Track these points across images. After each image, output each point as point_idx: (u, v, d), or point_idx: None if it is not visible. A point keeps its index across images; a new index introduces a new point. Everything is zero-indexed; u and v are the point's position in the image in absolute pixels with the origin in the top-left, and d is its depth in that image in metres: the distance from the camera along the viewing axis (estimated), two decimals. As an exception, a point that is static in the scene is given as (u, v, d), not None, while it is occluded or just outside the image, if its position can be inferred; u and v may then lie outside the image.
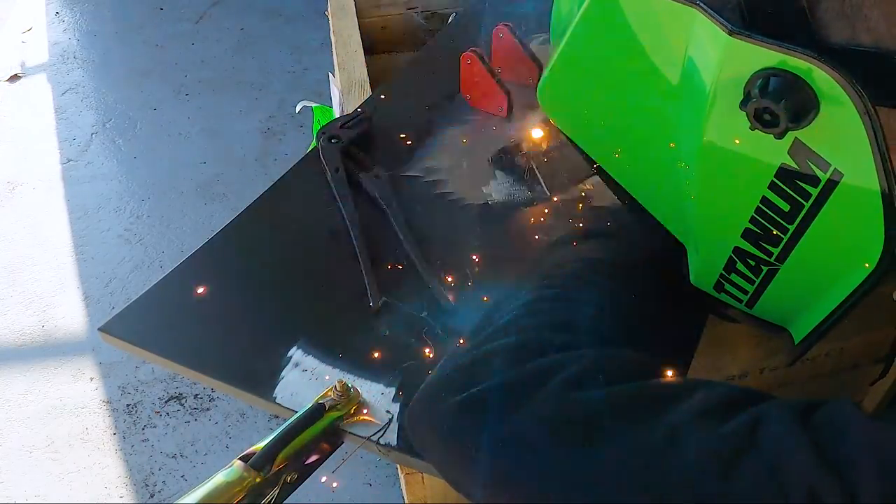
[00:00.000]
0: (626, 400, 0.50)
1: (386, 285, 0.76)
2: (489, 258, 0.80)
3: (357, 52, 1.12)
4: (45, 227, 1.84)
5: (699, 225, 0.60)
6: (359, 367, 0.70)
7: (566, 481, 0.48)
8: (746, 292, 0.62)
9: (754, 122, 0.47)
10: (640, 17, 0.53)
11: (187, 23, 2.46)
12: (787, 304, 0.61)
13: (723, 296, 0.64)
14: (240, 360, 0.71)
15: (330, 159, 0.88)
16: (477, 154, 0.92)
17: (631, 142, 0.62)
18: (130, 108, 2.16)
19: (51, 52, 2.38)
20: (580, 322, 0.57)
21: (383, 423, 0.65)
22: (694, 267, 0.65)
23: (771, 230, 0.54)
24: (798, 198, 0.51)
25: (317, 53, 2.31)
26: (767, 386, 0.92)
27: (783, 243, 0.55)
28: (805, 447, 0.44)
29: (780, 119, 0.45)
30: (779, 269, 0.57)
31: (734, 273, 0.61)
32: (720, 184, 0.55)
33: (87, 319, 1.64)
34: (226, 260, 0.82)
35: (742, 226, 0.56)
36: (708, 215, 0.59)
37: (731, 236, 0.58)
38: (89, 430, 1.46)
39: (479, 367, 0.55)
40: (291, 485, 0.59)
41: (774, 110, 0.45)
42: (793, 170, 0.50)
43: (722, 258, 0.60)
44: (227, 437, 1.45)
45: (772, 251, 0.56)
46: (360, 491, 1.36)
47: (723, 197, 0.56)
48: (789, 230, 0.53)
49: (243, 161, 1.99)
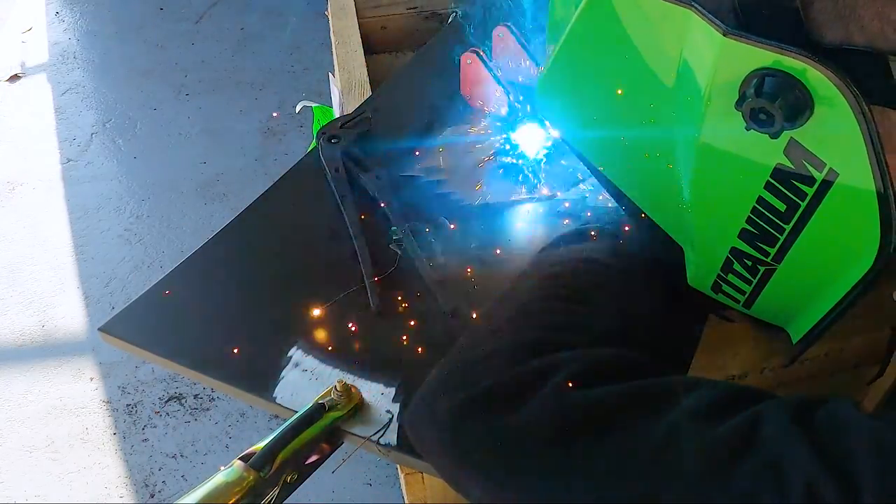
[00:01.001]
0: (625, 399, 0.50)
1: (386, 285, 0.76)
2: (489, 258, 0.80)
3: (357, 52, 1.12)
4: (45, 227, 1.84)
5: (696, 225, 0.60)
6: (359, 367, 0.70)
7: (564, 481, 0.48)
8: (744, 293, 0.62)
9: (750, 121, 0.47)
10: (635, 20, 0.54)
11: (187, 23, 2.46)
12: (784, 305, 0.62)
13: (720, 296, 0.64)
14: (240, 360, 0.71)
15: (330, 159, 0.88)
16: (477, 154, 0.92)
17: (627, 144, 0.62)
18: (130, 108, 2.17)
19: (51, 52, 2.38)
20: (578, 322, 0.57)
21: (383, 424, 0.65)
22: (691, 268, 0.65)
23: (767, 230, 0.55)
24: (794, 197, 0.51)
25: (317, 53, 2.31)
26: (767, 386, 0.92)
27: (779, 243, 0.55)
28: (804, 446, 0.43)
29: (775, 119, 0.46)
30: (776, 269, 0.57)
31: (731, 273, 0.61)
32: (716, 184, 0.55)
33: (87, 319, 1.64)
34: (226, 260, 0.82)
35: (738, 226, 0.56)
36: (704, 216, 0.59)
37: (727, 237, 0.58)
38: (89, 430, 1.46)
39: (477, 367, 0.55)
40: (291, 485, 0.59)
41: (769, 110, 0.46)
42: (788, 169, 0.50)
43: (719, 259, 0.60)
44: (227, 437, 1.45)
45: (768, 251, 0.56)
46: (360, 491, 1.36)
47: (719, 197, 0.56)
48: (785, 230, 0.54)
49: (243, 161, 1.99)
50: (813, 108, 0.46)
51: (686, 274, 0.65)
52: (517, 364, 0.54)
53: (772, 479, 0.43)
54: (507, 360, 0.54)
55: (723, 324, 0.72)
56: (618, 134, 0.62)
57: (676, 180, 0.58)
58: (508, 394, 0.52)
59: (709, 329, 0.69)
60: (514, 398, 0.52)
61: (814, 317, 0.59)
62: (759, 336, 0.85)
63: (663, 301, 0.64)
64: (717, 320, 0.71)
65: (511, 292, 0.63)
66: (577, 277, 0.61)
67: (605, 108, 0.62)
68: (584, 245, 0.66)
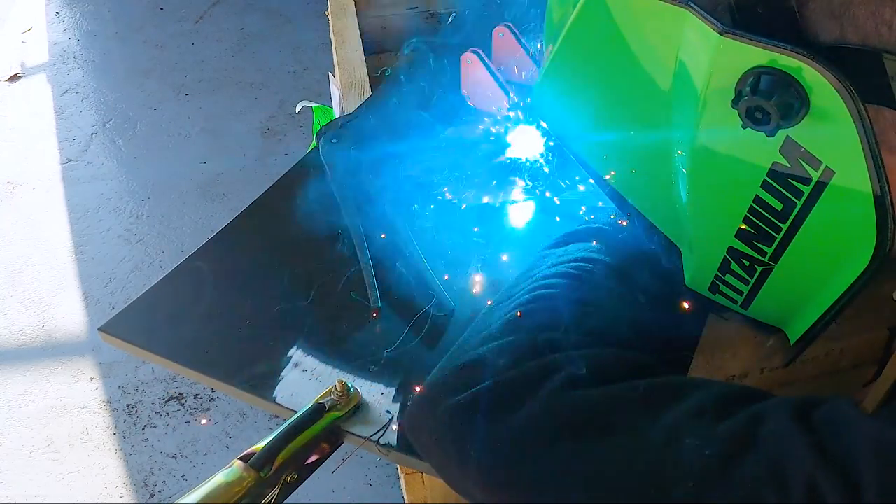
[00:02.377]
0: (624, 399, 0.50)
1: (386, 285, 0.76)
2: (489, 258, 0.80)
3: (357, 52, 1.12)
4: (45, 227, 1.84)
5: (693, 225, 0.60)
6: (359, 367, 0.70)
7: (564, 481, 0.48)
8: (741, 293, 0.62)
9: (746, 120, 0.47)
10: (630, 21, 0.54)
11: (187, 23, 2.46)
12: (781, 305, 0.62)
13: (718, 297, 0.64)
14: (240, 360, 0.71)
15: (330, 159, 0.88)
16: (476, 154, 0.92)
17: (624, 145, 0.62)
18: (130, 108, 2.17)
19: (51, 52, 2.38)
20: (578, 323, 0.57)
21: (383, 424, 0.65)
22: (689, 268, 0.65)
23: (764, 229, 0.55)
24: (790, 196, 0.51)
25: (317, 53, 2.31)
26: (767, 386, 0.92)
27: (776, 242, 0.55)
28: (805, 445, 0.43)
29: (771, 117, 0.46)
30: (773, 268, 0.57)
31: (729, 274, 0.61)
32: (714, 184, 0.55)
33: (87, 319, 1.64)
34: (226, 260, 0.82)
35: (735, 225, 0.56)
36: (702, 216, 0.59)
37: (725, 236, 0.58)
38: (89, 430, 1.46)
39: (476, 368, 0.55)
40: (291, 485, 0.59)
41: (765, 108, 0.46)
42: (785, 168, 0.50)
43: (716, 259, 0.60)
44: (227, 437, 1.45)
45: (765, 250, 0.56)
46: (360, 491, 1.36)
47: (716, 197, 0.56)
48: (782, 229, 0.54)
49: (243, 161, 1.99)
50: (808, 106, 0.46)
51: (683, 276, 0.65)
52: (517, 364, 0.54)
53: (773, 478, 0.43)
54: (506, 362, 0.54)
55: (723, 324, 0.72)
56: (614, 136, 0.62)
57: (673, 181, 0.58)
58: (508, 394, 0.52)
59: (709, 329, 0.69)
60: (513, 398, 0.52)
61: (811, 317, 0.59)
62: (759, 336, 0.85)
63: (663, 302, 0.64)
64: (717, 320, 0.71)
65: (511, 293, 0.63)
66: (578, 279, 0.61)
67: (602, 110, 0.62)
68: (584, 246, 0.66)
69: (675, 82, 0.53)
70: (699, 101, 0.50)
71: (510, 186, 0.88)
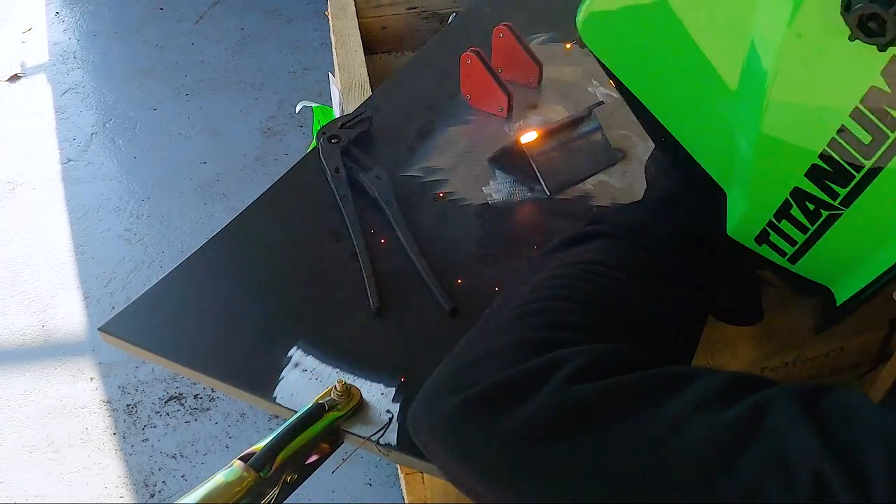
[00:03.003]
0: (627, 390, 0.50)
1: (386, 285, 0.76)
2: (489, 258, 0.80)
3: (357, 52, 1.12)
4: (45, 227, 1.84)
5: (755, 161, 0.53)
6: (359, 367, 0.70)
7: (568, 474, 0.48)
8: (795, 243, 0.55)
9: (857, 30, 0.42)
10: None
11: (187, 23, 2.46)
12: (837, 259, 0.55)
13: (763, 248, 0.58)
14: (240, 360, 0.71)
15: (330, 159, 0.88)
16: (477, 154, 0.92)
17: (686, 65, 0.54)
18: (130, 108, 2.17)
19: (51, 52, 2.38)
20: (580, 323, 0.57)
21: (383, 424, 0.65)
22: (735, 215, 0.58)
23: (843, 166, 0.48)
24: (884, 128, 0.44)
25: (317, 53, 2.31)
26: (767, 386, 0.92)
27: (854, 182, 0.48)
28: (812, 433, 0.43)
29: (887, 26, 0.41)
30: (841, 214, 0.50)
31: (786, 219, 0.54)
32: (794, 107, 0.48)
33: (87, 319, 1.64)
34: (226, 260, 0.82)
35: (809, 161, 0.49)
36: (770, 149, 0.51)
37: (791, 175, 0.51)
38: (89, 430, 1.46)
39: (479, 366, 0.55)
40: (291, 485, 0.59)
41: (883, 17, 0.40)
42: (882, 95, 0.44)
43: (775, 202, 0.53)
44: (227, 437, 1.45)
45: (838, 192, 0.49)
46: (360, 491, 1.36)
47: (793, 125, 0.49)
48: (865, 167, 0.47)
49: (243, 161, 1.99)
50: None
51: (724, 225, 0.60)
52: (518, 362, 0.54)
53: (778, 467, 0.42)
54: (509, 359, 0.54)
55: (723, 324, 0.72)
56: (676, 57, 0.54)
57: (739, 106, 0.52)
58: (511, 391, 0.52)
59: (709, 329, 0.69)
60: (516, 395, 0.51)
61: (868, 274, 0.52)
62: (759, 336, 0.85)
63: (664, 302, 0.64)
64: (716, 320, 0.71)
65: (513, 293, 0.63)
66: (580, 279, 0.61)
67: (668, 32, 0.53)
68: (587, 247, 0.66)
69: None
70: (792, 5, 0.44)
71: (511, 186, 0.88)
